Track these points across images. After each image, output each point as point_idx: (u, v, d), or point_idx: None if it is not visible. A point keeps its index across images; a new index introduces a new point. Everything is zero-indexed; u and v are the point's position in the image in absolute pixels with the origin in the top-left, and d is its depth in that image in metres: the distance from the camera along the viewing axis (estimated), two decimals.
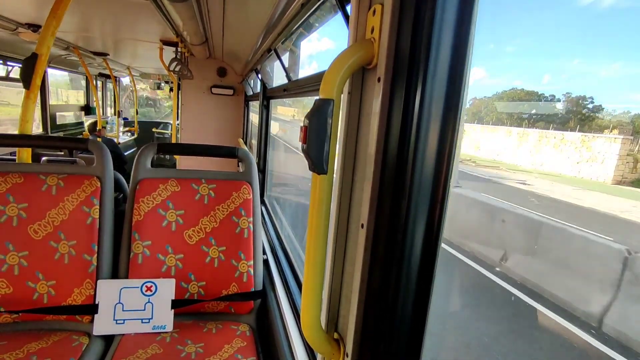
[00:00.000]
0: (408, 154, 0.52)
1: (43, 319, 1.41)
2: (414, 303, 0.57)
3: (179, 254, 1.51)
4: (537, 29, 36.86)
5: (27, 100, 1.64)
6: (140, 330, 1.42)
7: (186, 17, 2.01)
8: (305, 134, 0.61)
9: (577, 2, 38.91)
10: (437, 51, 0.50)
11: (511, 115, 16.38)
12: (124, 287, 1.43)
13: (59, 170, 1.47)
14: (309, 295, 0.69)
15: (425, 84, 0.50)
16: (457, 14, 0.49)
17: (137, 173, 1.54)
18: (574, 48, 33.90)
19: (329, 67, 0.61)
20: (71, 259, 1.41)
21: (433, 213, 0.54)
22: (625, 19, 31.40)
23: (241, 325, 1.50)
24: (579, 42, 34.49)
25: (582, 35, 34.70)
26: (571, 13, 37.46)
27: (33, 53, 1.59)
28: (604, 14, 36.97)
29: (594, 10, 38.56)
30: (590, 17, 37.70)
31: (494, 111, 18.54)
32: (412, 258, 0.55)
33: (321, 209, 0.65)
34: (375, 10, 0.58)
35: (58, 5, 1.56)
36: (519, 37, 38.85)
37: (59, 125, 5.48)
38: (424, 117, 0.51)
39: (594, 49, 33.35)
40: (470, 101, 19.41)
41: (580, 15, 38.00)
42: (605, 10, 37.07)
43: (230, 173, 1.63)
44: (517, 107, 17.62)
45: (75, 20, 2.76)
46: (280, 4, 1.51)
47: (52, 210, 1.41)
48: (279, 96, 2.46)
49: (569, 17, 37.25)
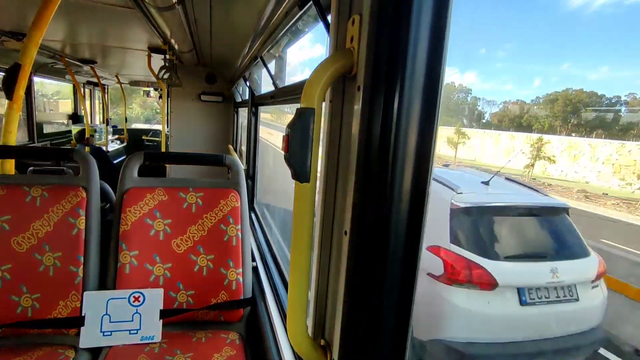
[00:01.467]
0: (388, 159, 0.53)
1: (27, 333, 1.37)
2: (397, 307, 0.58)
3: (167, 263, 1.50)
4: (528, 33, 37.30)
5: (10, 111, 1.61)
6: (128, 342, 1.39)
7: (173, 25, 2.02)
8: (287, 143, 0.62)
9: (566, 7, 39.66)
10: (413, 59, 0.51)
11: (566, 122, 14.74)
12: (110, 298, 1.41)
13: (43, 181, 1.45)
14: (295, 302, 0.69)
15: (403, 91, 0.52)
16: (432, 23, 0.51)
17: (124, 182, 1.53)
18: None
19: (310, 76, 0.62)
20: (56, 271, 1.39)
21: (413, 217, 0.55)
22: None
23: (231, 333, 1.49)
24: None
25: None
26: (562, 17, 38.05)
27: (15, 63, 1.57)
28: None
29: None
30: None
31: (542, 117, 16.74)
32: (394, 263, 0.56)
33: (304, 217, 0.66)
34: (354, 20, 0.59)
35: (41, 16, 1.54)
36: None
37: (46, 134, 5.40)
38: (402, 123, 0.52)
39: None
40: (501, 105, 18.44)
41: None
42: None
43: (218, 181, 1.63)
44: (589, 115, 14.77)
45: (61, 28, 2.74)
46: (265, 13, 1.53)
47: (37, 222, 1.39)
48: (266, 103, 2.47)
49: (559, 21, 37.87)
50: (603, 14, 37.77)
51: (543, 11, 38.93)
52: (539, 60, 36.57)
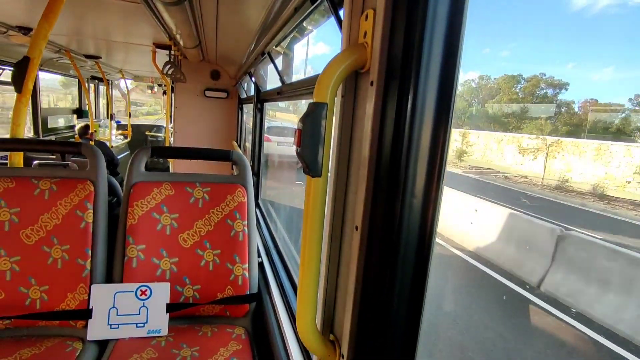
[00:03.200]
0: (401, 156, 0.53)
1: (36, 324, 1.39)
2: (409, 304, 0.58)
3: (174, 258, 1.51)
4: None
5: (18, 104, 1.62)
6: (135, 335, 1.41)
7: (179, 21, 2.01)
8: (299, 137, 0.62)
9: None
10: (428, 55, 0.51)
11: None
12: (118, 291, 1.42)
13: (51, 175, 1.46)
14: (305, 297, 0.69)
15: (417, 87, 0.51)
16: (448, 19, 0.50)
17: (131, 177, 1.53)
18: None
19: (323, 71, 0.62)
20: (64, 263, 1.40)
21: (426, 214, 0.55)
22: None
23: (237, 328, 1.50)
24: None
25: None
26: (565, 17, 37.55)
27: (25, 57, 1.58)
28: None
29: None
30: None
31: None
32: (406, 259, 0.56)
33: (315, 212, 0.66)
34: (368, 15, 0.59)
35: (50, 9, 1.55)
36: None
37: (51, 128, 5.42)
38: (416, 120, 0.52)
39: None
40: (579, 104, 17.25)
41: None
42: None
43: (224, 176, 1.63)
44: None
45: (67, 23, 2.75)
46: (273, 8, 1.52)
47: (45, 215, 1.40)
48: (272, 99, 2.47)
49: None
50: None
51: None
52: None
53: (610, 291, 4.08)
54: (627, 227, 7.96)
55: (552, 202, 10.28)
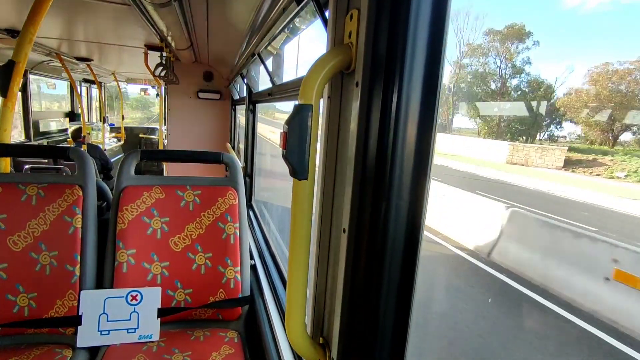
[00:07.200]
0: (387, 156, 0.53)
1: (24, 332, 1.37)
2: (397, 305, 0.58)
3: (165, 262, 1.49)
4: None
5: (4, 109, 1.60)
6: (126, 341, 1.39)
7: (170, 22, 2.00)
8: (285, 140, 0.61)
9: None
10: (412, 54, 0.50)
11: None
12: (108, 297, 1.40)
13: (39, 180, 1.44)
14: (293, 301, 0.68)
15: (402, 87, 0.51)
16: (431, 18, 0.50)
17: (121, 180, 1.51)
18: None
19: (307, 72, 0.61)
20: (53, 270, 1.38)
21: (413, 215, 0.54)
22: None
23: (229, 331, 1.48)
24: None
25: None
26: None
27: (10, 60, 1.56)
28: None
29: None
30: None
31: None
32: (394, 260, 0.56)
33: (303, 215, 0.65)
34: (352, 15, 0.59)
35: (35, 12, 1.53)
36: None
37: (42, 132, 5.37)
38: (401, 120, 0.52)
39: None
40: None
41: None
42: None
43: (215, 179, 1.62)
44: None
45: (56, 25, 2.72)
46: (262, 9, 1.51)
47: (33, 221, 1.38)
48: (264, 100, 2.46)
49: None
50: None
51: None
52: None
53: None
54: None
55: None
